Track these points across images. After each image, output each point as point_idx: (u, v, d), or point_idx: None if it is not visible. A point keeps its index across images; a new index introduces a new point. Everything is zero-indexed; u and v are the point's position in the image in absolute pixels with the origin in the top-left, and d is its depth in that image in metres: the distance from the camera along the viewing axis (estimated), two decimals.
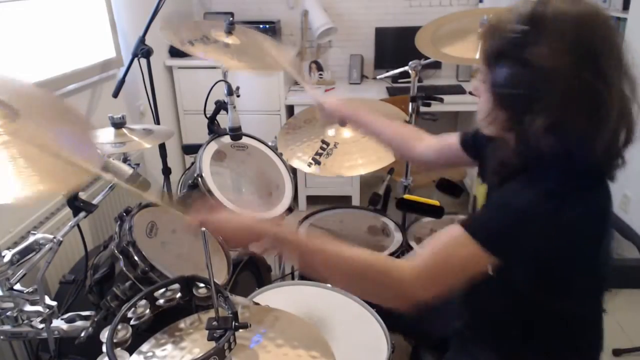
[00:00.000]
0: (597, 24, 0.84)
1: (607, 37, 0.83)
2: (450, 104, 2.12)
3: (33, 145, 0.84)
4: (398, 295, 0.91)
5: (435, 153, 1.31)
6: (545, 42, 0.82)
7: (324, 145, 1.76)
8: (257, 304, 1.05)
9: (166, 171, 2.20)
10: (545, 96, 0.83)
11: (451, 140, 1.27)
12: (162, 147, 2.15)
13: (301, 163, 1.75)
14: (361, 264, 0.94)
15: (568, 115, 0.83)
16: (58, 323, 1.07)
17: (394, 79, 3.10)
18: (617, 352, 1.96)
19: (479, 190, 1.16)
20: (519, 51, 0.84)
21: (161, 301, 0.89)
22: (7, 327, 1.04)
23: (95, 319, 1.10)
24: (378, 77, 2.24)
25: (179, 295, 0.90)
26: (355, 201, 3.12)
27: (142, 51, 2.01)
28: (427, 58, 1.80)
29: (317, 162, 1.73)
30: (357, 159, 1.72)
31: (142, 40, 2.03)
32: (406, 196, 1.72)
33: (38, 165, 0.82)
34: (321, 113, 1.45)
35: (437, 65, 3.24)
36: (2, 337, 1.05)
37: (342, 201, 3.07)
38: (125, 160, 1.42)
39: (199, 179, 1.52)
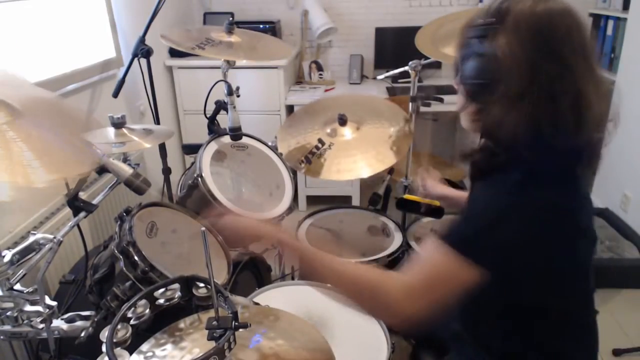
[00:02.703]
0: (553, 17, 0.86)
1: (569, 34, 0.86)
2: (450, 104, 2.10)
3: (36, 139, 0.86)
4: (388, 311, 0.93)
5: None
6: (503, 33, 0.87)
7: (319, 145, 1.76)
8: (257, 304, 1.05)
9: (166, 171, 2.21)
10: (501, 83, 0.87)
11: None
12: (162, 147, 2.16)
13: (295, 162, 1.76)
14: (354, 278, 0.97)
15: (524, 101, 0.86)
16: (58, 323, 1.07)
17: (394, 79, 3.10)
18: (617, 352, 1.97)
19: None
20: (479, 43, 0.91)
21: (161, 301, 0.89)
22: (7, 327, 1.04)
23: (95, 319, 1.10)
24: (378, 77, 2.24)
25: (178, 294, 0.90)
26: (355, 201, 3.12)
27: (142, 51, 2.01)
28: (427, 58, 1.80)
29: (309, 161, 1.73)
30: (347, 164, 1.72)
31: (142, 40, 2.03)
32: (406, 196, 1.72)
33: (44, 156, 0.83)
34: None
35: (437, 65, 3.24)
36: (2, 337, 1.05)
37: (342, 201, 3.07)
38: (125, 160, 1.41)
39: (199, 179, 1.52)
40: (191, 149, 1.67)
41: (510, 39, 0.86)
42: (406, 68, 1.88)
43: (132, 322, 0.83)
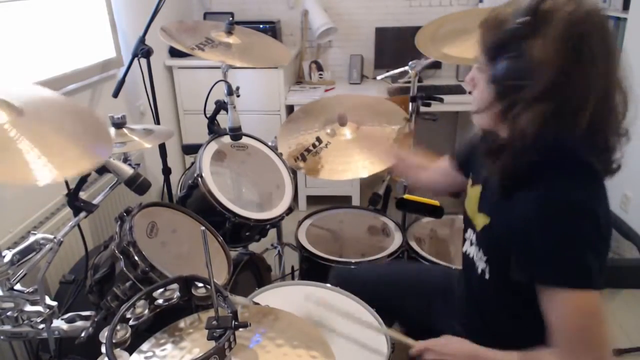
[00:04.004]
0: (591, 21, 0.86)
1: (600, 35, 0.86)
2: (450, 104, 2.12)
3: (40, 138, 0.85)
4: None
5: (438, 179, 1.40)
6: (540, 34, 0.86)
7: (316, 142, 1.76)
8: (257, 304, 1.05)
9: (166, 171, 2.21)
10: (534, 86, 0.86)
11: (444, 164, 1.34)
12: (162, 147, 2.16)
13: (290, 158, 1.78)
14: None
15: (556, 105, 0.86)
16: (58, 323, 1.08)
17: (394, 79, 3.10)
18: (617, 352, 1.96)
19: (469, 191, 1.17)
20: (516, 43, 0.88)
21: (160, 301, 0.89)
22: (7, 327, 1.04)
23: (95, 319, 1.10)
24: (378, 77, 2.24)
25: (177, 295, 0.90)
26: (355, 201, 3.12)
27: (142, 51, 2.01)
28: (427, 58, 1.80)
29: (304, 159, 1.73)
30: (341, 164, 1.72)
31: (142, 40, 2.03)
32: (406, 196, 1.72)
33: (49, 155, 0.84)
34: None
35: (437, 65, 3.23)
36: (2, 337, 1.05)
37: (342, 201, 3.07)
38: (125, 160, 1.41)
39: (199, 179, 1.52)
40: (191, 149, 1.67)
41: (547, 43, 0.85)
42: (406, 68, 1.88)
43: (131, 322, 0.83)
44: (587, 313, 0.87)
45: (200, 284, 0.91)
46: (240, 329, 0.77)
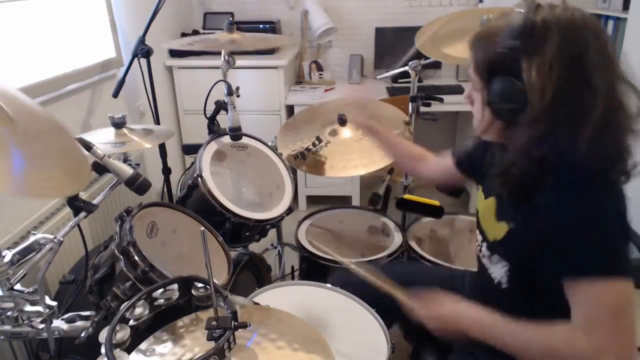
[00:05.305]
0: (584, 32, 0.85)
1: (595, 44, 0.85)
2: (450, 104, 2.11)
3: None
4: None
5: (437, 174, 1.40)
6: (536, 53, 0.84)
7: (316, 142, 1.76)
8: (257, 304, 1.05)
9: (166, 171, 2.21)
10: (531, 109, 0.85)
11: (448, 162, 1.33)
12: (162, 147, 2.16)
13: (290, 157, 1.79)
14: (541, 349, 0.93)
15: (556, 124, 0.85)
16: (58, 323, 1.07)
17: (394, 79, 3.10)
18: None
19: (481, 205, 1.14)
20: (510, 64, 0.86)
21: (160, 301, 0.89)
22: (7, 327, 1.04)
23: (95, 319, 1.10)
24: (378, 77, 2.24)
25: (177, 295, 0.90)
26: (355, 201, 3.12)
27: (142, 51, 2.01)
28: (427, 58, 1.80)
29: (304, 157, 1.74)
30: (341, 161, 1.73)
31: (142, 40, 2.03)
32: (406, 196, 1.72)
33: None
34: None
35: (437, 65, 3.23)
36: (2, 337, 1.05)
37: (342, 201, 3.07)
38: (125, 160, 1.41)
39: (199, 179, 1.52)
40: (191, 149, 1.67)
41: (544, 62, 0.83)
42: (406, 68, 1.88)
43: (131, 322, 0.83)
44: (622, 300, 0.86)
45: (200, 284, 0.91)
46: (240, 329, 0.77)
